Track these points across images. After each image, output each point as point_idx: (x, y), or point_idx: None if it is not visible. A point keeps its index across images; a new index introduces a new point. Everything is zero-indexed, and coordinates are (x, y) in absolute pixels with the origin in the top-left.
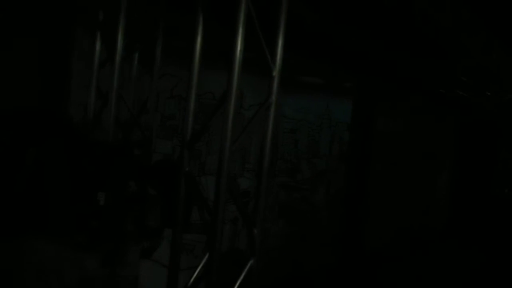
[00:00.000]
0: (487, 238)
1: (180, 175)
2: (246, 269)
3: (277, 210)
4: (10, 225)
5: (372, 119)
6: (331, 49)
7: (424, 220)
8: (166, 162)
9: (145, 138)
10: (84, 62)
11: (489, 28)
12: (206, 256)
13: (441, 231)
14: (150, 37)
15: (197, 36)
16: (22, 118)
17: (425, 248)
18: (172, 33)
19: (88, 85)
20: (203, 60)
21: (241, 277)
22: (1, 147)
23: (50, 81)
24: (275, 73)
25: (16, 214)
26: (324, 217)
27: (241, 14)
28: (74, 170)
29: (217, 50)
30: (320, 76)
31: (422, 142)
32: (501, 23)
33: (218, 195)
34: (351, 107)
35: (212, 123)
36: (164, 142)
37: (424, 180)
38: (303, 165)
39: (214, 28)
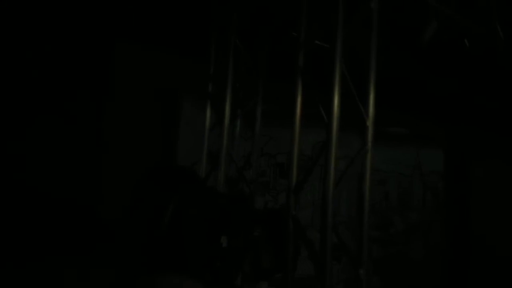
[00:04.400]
0: None
1: (288, 219)
2: None
3: (371, 265)
4: (153, 264)
5: (466, 166)
6: (417, 98)
7: None
8: (275, 209)
9: (250, 190)
10: (189, 128)
11: None
12: None
13: None
14: (251, 103)
15: (297, 99)
16: (162, 172)
17: None
18: (266, 99)
19: (199, 147)
20: (286, 120)
21: None
22: (152, 197)
23: (165, 145)
24: (369, 123)
25: (159, 254)
26: (423, 273)
27: (337, 76)
28: (204, 216)
29: (306, 111)
30: (408, 125)
31: None
32: None
33: (324, 239)
34: (443, 155)
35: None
36: (257, 198)
37: None
38: (395, 218)
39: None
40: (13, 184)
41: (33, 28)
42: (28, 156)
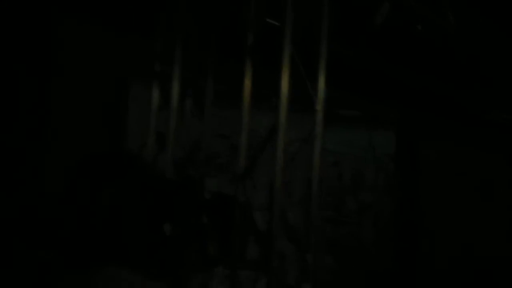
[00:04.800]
0: None
1: (234, 207)
2: None
3: (324, 246)
4: (90, 256)
5: (417, 149)
6: (369, 82)
7: (484, 257)
8: (221, 195)
9: (199, 174)
10: (138, 107)
11: None
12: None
13: (502, 269)
14: (201, 83)
15: (245, 79)
16: (99, 160)
17: (487, 285)
18: (216, 79)
19: (147, 128)
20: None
21: None
22: (86, 185)
23: (111, 125)
24: (319, 106)
25: (95, 246)
26: (373, 252)
27: (286, 57)
28: (145, 204)
29: (260, 92)
30: (360, 108)
31: (473, 172)
32: None
33: (271, 226)
34: (395, 137)
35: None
36: (210, 180)
37: (481, 214)
38: (348, 198)
39: (259, 71)
40: None
41: None
42: None
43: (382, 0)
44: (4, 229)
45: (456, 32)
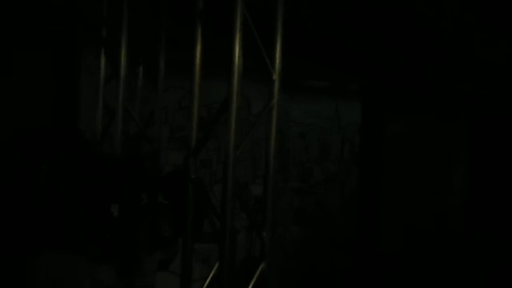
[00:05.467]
0: (507, 240)
1: (187, 183)
2: (257, 273)
3: (291, 215)
4: (26, 242)
5: (381, 120)
6: (335, 51)
7: (441, 223)
8: (176, 172)
9: (153, 150)
10: (91, 78)
11: (493, 23)
12: (216, 265)
13: (458, 233)
14: (153, 51)
15: (196, 46)
16: (33, 137)
17: (441, 251)
18: (174, 46)
19: (95, 101)
20: (208, 70)
21: (253, 282)
22: (14, 167)
23: (61, 97)
24: (275, 76)
25: (31, 231)
26: (339, 221)
27: (237, 21)
28: (86, 184)
29: (220, 60)
30: (327, 79)
31: (435, 142)
32: (505, 18)
33: (224, 202)
34: (360, 108)
35: (221, 131)
36: (175, 153)
37: (439, 181)
38: (315, 169)
39: (214, 37)
40: None
41: None
42: None
43: None
44: None
45: (422, 2)
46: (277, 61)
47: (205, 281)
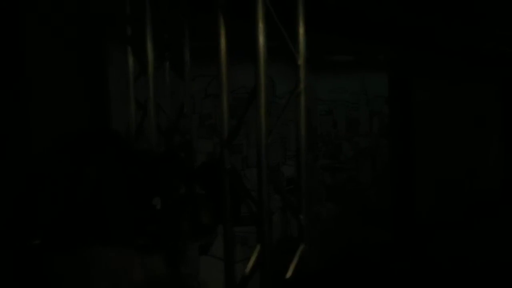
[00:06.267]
0: None
1: (223, 173)
2: (297, 255)
3: (324, 193)
4: (79, 236)
5: (409, 89)
6: (357, 23)
7: (477, 186)
8: (211, 162)
9: (186, 141)
10: (118, 74)
11: None
12: (257, 247)
13: (495, 196)
14: (178, 44)
15: (220, 34)
16: (77, 140)
17: (480, 215)
18: (197, 35)
19: (126, 98)
20: (231, 56)
21: (294, 263)
22: (63, 169)
23: (92, 96)
24: (300, 61)
25: (82, 225)
26: (373, 194)
27: (259, 7)
28: (129, 180)
29: (243, 44)
30: (351, 53)
31: (467, 108)
32: None
33: (260, 187)
34: (387, 79)
35: (249, 116)
36: (206, 141)
37: (474, 146)
38: (344, 145)
39: (238, 23)
40: None
41: None
42: None
43: None
44: None
45: None
46: (301, 45)
47: (245, 261)
